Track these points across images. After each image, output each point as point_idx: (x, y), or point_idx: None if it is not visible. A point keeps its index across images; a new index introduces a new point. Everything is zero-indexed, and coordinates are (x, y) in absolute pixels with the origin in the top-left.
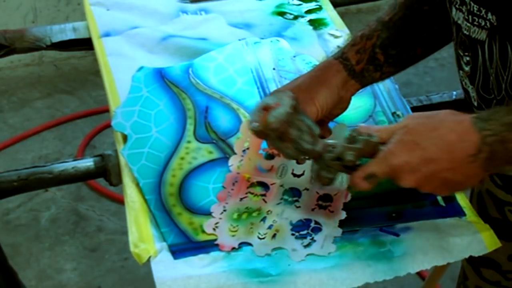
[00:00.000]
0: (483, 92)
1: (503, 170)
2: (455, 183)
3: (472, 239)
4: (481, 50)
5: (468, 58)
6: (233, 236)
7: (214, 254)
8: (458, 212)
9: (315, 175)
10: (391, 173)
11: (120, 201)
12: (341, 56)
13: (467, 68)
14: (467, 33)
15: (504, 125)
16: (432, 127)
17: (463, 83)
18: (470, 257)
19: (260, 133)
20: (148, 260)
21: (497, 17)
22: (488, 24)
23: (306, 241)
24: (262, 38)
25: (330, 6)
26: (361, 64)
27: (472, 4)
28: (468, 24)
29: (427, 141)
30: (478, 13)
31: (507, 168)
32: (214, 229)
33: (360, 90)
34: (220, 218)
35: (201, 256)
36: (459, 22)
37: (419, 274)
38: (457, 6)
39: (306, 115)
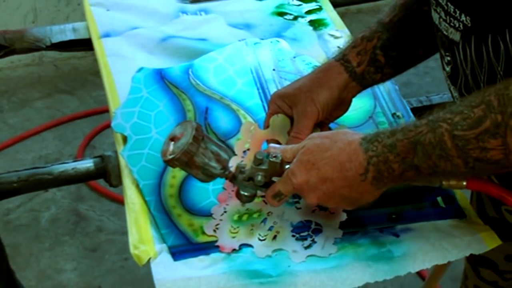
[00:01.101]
0: (466, 92)
1: (411, 183)
2: (354, 199)
3: (472, 239)
4: (457, 51)
5: (449, 58)
6: (233, 237)
7: (214, 255)
8: (458, 213)
9: (235, 194)
10: (295, 192)
11: (120, 201)
12: (342, 58)
13: (448, 68)
14: (446, 33)
15: (386, 146)
16: (326, 148)
17: (447, 83)
18: (470, 256)
19: (168, 162)
20: (148, 262)
21: (472, 19)
22: (461, 26)
23: (306, 243)
24: (262, 39)
25: (330, 7)
26: (362, 66)
27: (449, 5)
28: (446, 25)
29: (322, 161)
30: (454, 14)
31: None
32: (214, 230)
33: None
34: (221, 220)
35: (201, 257)
36: (436, 22)
37: (419, 274)
38: (433, 7)
39: (213, 141)
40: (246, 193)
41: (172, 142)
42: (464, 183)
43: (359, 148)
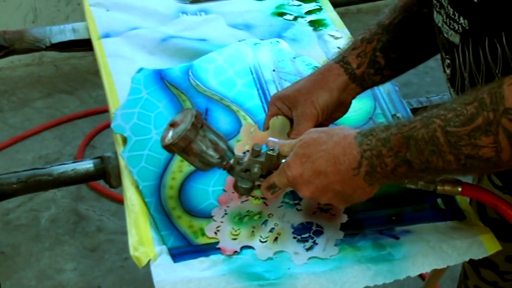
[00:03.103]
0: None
1: (401, 183)
2: (347, 196)
3: (472, 241)
4: (457, 53)
5: (448, 61)
6: (234, 239)
7: (214, 257)
8: (458, 215)
9: (233, 186)
10: (289, 185)
11: (120, 201)
12: (342, 60)
13: (448, 71)
14: (447, 36)
15: (380, 140)
16: (322, 141)
17: (447, 85)
18: None
19: (166, 148)
20: (148, 263)
21: (469, 22)
22: (460, 28)
23: (308, 244)
24: (262, 39)
25: (330, 7)
26: (361, 68)
27: (449, 7)
28: (446, 27)
29: (317, 154)
30: (453, 16)
31: (402, 181)
32: (215, 232)
33: None
34: (222, 222)
35: (201, 259)
36: (439, 25)
37: (419, 274)
38: (437, 9)
39: (212, 130)
40: (243, 185)
41: (172, 128)
42: (459, 189)
43: (353, 141)
